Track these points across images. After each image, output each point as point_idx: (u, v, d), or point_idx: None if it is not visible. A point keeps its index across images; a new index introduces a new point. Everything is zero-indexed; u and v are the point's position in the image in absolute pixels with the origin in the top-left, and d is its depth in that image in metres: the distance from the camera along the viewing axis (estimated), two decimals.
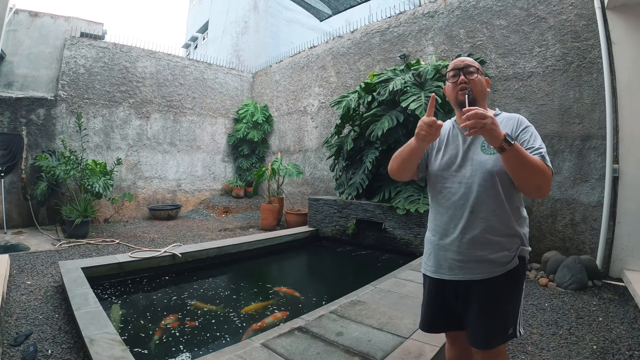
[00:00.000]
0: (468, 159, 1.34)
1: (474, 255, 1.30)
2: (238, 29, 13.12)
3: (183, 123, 8.43)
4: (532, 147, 1.24)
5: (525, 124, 1.32)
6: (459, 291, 1.35)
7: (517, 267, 1.30)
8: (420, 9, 6.02)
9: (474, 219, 1.30)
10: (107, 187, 5.89)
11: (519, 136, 1.29)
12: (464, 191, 1.32)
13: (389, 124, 4.77)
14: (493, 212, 1.28)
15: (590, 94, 4.12)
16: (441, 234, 1.39)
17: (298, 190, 8.20)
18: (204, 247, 4.41)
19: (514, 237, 1.31)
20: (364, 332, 2.16)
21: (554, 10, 4.42)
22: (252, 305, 3.13)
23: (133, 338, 2.47)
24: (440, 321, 1.46)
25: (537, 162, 1.17)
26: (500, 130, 1.11)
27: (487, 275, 1.28)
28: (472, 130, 1.11)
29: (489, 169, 1.28)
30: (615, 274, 3.72)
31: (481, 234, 1.29)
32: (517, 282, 1.31)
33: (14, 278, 3.44)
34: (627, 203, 3.71)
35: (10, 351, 2.12)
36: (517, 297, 1.32)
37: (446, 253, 1.36)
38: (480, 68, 1.42)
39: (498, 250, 1.28)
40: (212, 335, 2.58)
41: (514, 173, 1.19)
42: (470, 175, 1.31)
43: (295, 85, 8.43)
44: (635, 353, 2.23)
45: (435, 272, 1.41)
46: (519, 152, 1.13)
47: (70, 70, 6.83)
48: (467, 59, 1.42)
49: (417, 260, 3.84)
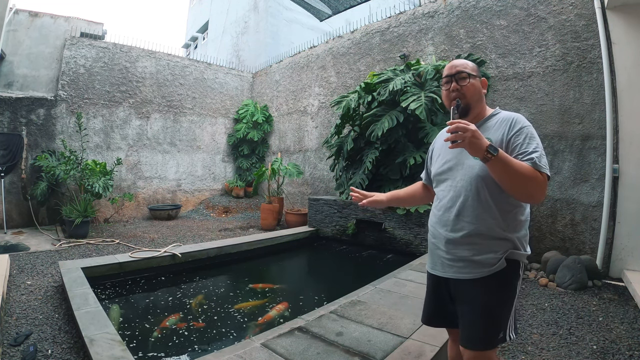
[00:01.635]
0: (460, 163, 1.36)
1: (459, 255, 1.33)
2: (238, 29, 13.12)
3: (183, 123, 8.43)
4: (525, 151, 1.22)
5: (519, 125, 1.28)
6: (451, 289, 1.39)
7: (505, 269, 1.28)
8: (420, 9, 6.02)
9: (459, 222, 1.32)
10: (107, 187, 5.89)
11: (512, 140, 1.27)
12: (452, 194, 1.36)
13: (389, 124, 4.77)
14: (478, 216, 1.29)
15: (590, 94, 4.12)
16: (433, 233, 1.45)
17: (298, 190, 8.20)
18: (204, 247, 4.41)
19: (502, 241, 1.29)
20: (364, 332, 2.16)
21: (554, 10, 4.42)
22: (244, 303, 3.13)
23: (133, 338, 2.47)
24: (438, 316, 1.50)
25: (525, 170, 1.16)
26: (482, 141, 1.11)
27: (473, 276, 1.29)
28: (454, 143, 1.13)
29: (476, 174, 1.29)
30: (615, 274, 3.72)
31: (466, 237, 1.31)
32: (506, 285, 1.30)
33: (14, 278, 3.44)
34: (627, 203, 3.71)
35: (10, 351, 2.12)
36: (507, 300, 1.30)
37: (438, 251, 1.41)
38: (474, 70, 1.40)
39: (484, 252, 1.29)
40: (210, 335, 2.58)
41: (500, 181, 1.20)
42: (460, 180, 1.34)
43: (295, 85, 8.43)
44: (635, 353, 2.23)
45: (432, 268, 1.47)
46: (504, 162, 1.13)
47: (70, 70, 6.83)
48: (458, 63, 1.40)
49: (417, 260, 3.84)
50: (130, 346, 2.30)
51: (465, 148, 1.14)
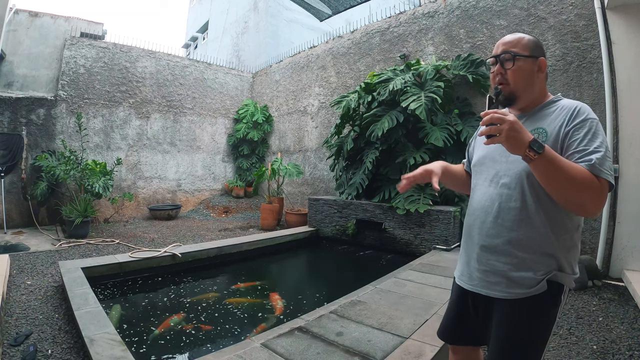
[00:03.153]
0: (503, 154, 1.13)
1: (492, 267, 1.13)
2: (238, 29, 13.12)
3: (183, 123, 8.43)
4: (585, 150, 0.99)
5: (583, 116, 1.05)
6: (478, 305, 1.20)
7: (544, 294, 1.06)
8: (420, 9, 6.02)
9: (497, 227, 1.12)
10: (107, 187, 5.90)
11: (570, 133, 1.04)
12: (492, 192, 1.15)
13: (389, 124, 4.77)
14: (520, 222, 1.08)
15: (590, 94, 4.11)
16: (467, 235, 1.25)
17: (298, 190, 8.20)
18: (204, 247, 4.41)
19: (546, 257, 1.07)
20: (364, 332, 2.16)
21: (554, 10, 4.42)
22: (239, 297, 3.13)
23: (133, 338, 2.47)
24: (458, 332, 1.32)
25: (578, 174, 0.94)
26: (523, 136, 0.92)
27: (507, 296, 1.10)
28: (489, 138, 0.95)
29: (522, 169, 1.08)
30: (615, 274, 3.72)
31: (503, 245, 1.11)
32: (545, 313, 1.08)
33: (14, 278, 3.44)
34: (627, 203, 3.70)
35: (10, 351, 2.12)
36: (543, 329, 1.09)
37: (469, 259, 1.22)
38: (526, 49, 1.13)
39: (522, 268, 1.08)
40: (212, 335, 2.58)
41: (546, 185, 1.00)
42: (503, 175, 1.14)
43: (295, 85, 8.43)
44: (635, 353, 2.23)
45: (459, 278, 1.28)
46: (551, 163, 0.93)
47: (70, 70, 6.83)
48: (508, 40, 1.16)
49: (417, 260, 3.83)
50: (130, 346, 2.29)
51: (503, 144, 0.94)
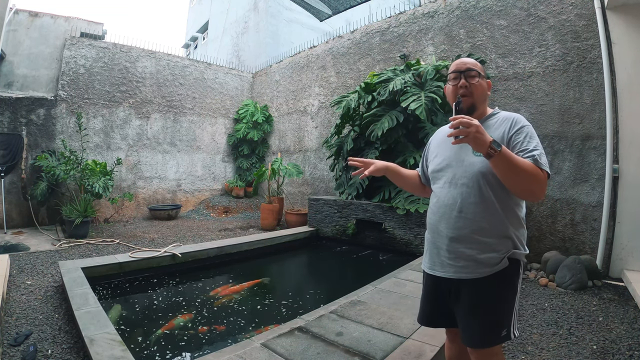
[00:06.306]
0: (459, 160, 1.37)
1: (462, 254, 1.32)
2: (238, 29, 13.11)
3: (183, 123, 8.43)
4: (525, 149, 1.24)
5: (520, 124, 1.31)
6: (451, 289, 1.38)
7: (507, 268, 1.30)
8: (420, 9, 6.02)
9: (462, 220, 1.32)
10: (107, 187, 5.89)
11: (512, 138, 1.29)
12: (453, 192, 1.35)
13: (389, 124, 4.77)
14: (481, 213, 1.29)
15: (590, 94, 4.11)
16: (433, 232, 1.43)
17: (298, 190, 8.20)
18: (204, 247, 4.41)
19: (504, 239, 1.31)
20: (364, 332, 2.16)
21: (554, 10, 4.42)
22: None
23: (133, 338, 2.47)
24: (436, 316, 1.50)
25: (527, 167, 1.18)
26: (485, 137, 1.12)
27: (476, 275, 1.30)
28: (457, 139, 1.14)
29: (477, 171, 1.30)
30: (615, 274, 3.72)
31: (469, 234, 1.31)
32: (508, 284, 1.32)
33: (14, 278, 3.44)
34: (627, 203, 3.71)
35: (10, 351, 2.12)
36: (510, 299, 1.32)
37: (439, 251, 1.40)
38: (482, 70, 1.42)
39: (487, 251, 1.29)
40: (213, 334, 2.58)
41: (503, 178, 1.21)
42: (460, 177, 1.34)
43: (295, 85, 8.43)
44: (635, 353, 2.23)
45: (430, 268, 1.45)
46: (507, 158, 1.14)
47: (70, 70, 6.82)
48: (469, 61, 1.42)
49: (417, 260, 3.84)
50: (130, 346, 2.29)
51: (469, 143, 1.14)
